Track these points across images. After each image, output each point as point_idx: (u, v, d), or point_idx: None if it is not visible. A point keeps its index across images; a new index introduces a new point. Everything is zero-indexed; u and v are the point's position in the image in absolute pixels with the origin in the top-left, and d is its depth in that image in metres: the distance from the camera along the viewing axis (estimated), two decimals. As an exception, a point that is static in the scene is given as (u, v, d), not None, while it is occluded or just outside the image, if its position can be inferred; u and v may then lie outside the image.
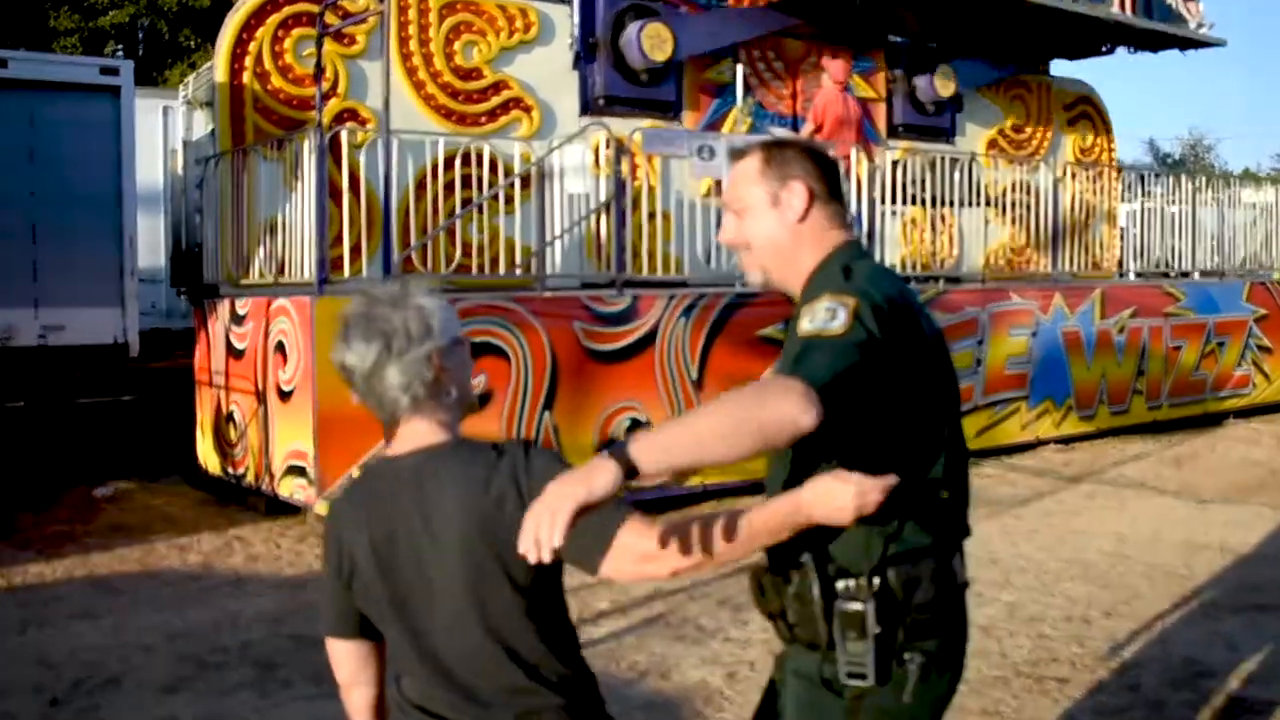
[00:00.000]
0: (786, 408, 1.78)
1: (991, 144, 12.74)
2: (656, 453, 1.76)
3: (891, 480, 1.86)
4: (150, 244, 12.44)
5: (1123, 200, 13.10)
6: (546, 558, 1.67)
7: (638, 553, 1.87)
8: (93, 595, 6.15)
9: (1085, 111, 14.18)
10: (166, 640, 5.34)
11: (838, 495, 1.85)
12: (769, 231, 2.18)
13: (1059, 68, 13.96)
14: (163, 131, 13.22)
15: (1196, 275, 12.69)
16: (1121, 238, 13.32)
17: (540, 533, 1.67)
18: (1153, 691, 4.58)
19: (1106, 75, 77.55)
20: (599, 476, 1.71)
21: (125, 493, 8.81)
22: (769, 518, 1.89)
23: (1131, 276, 12.35)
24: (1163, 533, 7.26)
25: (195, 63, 18.74)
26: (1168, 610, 5.61)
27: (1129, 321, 11.22)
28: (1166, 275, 12.55)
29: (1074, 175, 11.71)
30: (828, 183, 2.20)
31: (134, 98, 9.63)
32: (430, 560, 1.94)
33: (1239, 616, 5.50)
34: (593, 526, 1.82)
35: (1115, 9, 11.92)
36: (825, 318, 1.95)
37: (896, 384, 1.99)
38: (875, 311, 1.97)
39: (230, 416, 8.61)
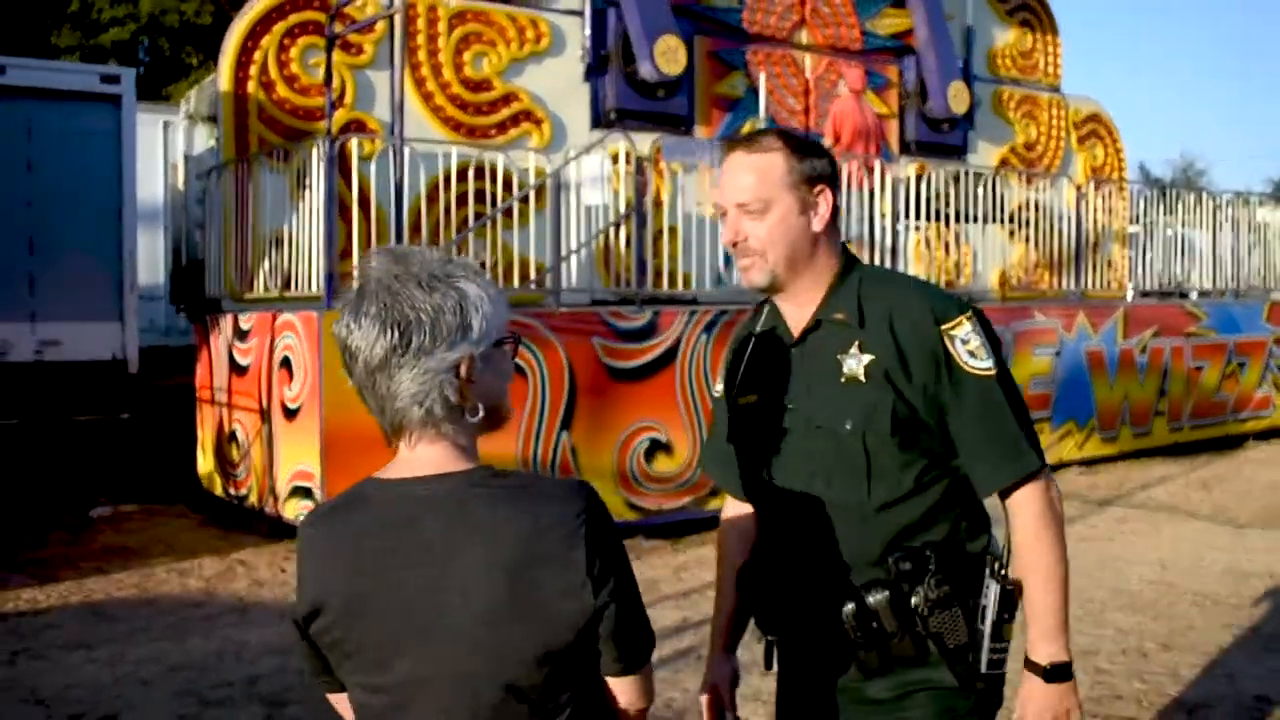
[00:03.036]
0: (1057, 511, 2.06)
1: (1003, 161, 12.52)
2: (1062, 642, 2.03)
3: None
4: (150, 260, 12.20)
5: (1134, 221, 12.89)
6: None
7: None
8: (88, 623, 5.83)
9: (1095, 129, 14.00)
10: (166, 673, 5.03)
11: None
12: (793, 239, 2.07)
13: (1070, 85, 13.79)
14: (163, 147, 12.98)
15: (1195, 294, 12.44)
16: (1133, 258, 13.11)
17: None
18: (1226, 732, 4.30)
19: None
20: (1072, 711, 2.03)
21: (123, 514, 8.53)
22: None
23: (1130, 297, 12.06)
24: (1204, 559, 6.98)
25: (197, 80, 18.56)
26: (1227, 643, 5.32)
27: (1151, 341, 10.96)
28: (1169, 295, 12.29)
29: (1097, 189, 11.46)
30: (839, 187, 2.17)
31: (135, 107, 9.37)
32: (429, 627, 1.49)
33: (1302, 649, 5.22)
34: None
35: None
36: (983, 350, 2.03)
37: None
38: (983, 323, 2.10)
39: (233, 436, 8.31)
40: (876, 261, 9.23)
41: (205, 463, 8.83)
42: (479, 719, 1.49)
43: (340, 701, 1.67)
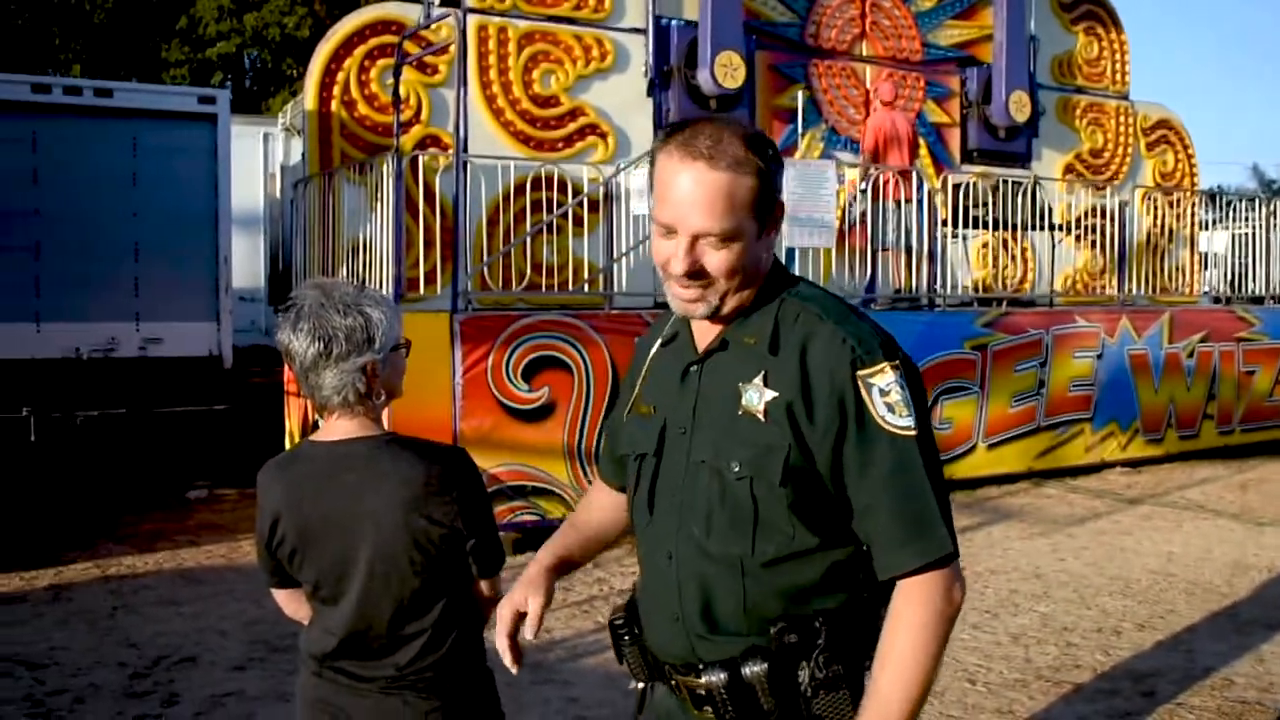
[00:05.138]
0: (953, 611, 1.72)
1: (1068, 169, 12.79)
2: None
3: None
4: (250, 265, 13.09)
5: (1209, 227, 13.02)
6: None
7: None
8: (178, 585, 6.62)
9: (1165, 135, 14.13)
10: (242, 626, 5.77)
11: None
12: (750, 265, 1.79)
13: (1139, 91, 13.95)
14: (263, 157, 13.86)
15: (1270, 301, 12.55)
16: (1206, 264, 13.25)
17: None
18: (1169, 697, 4.72)
19: (1204, 100, 75.81)
20: None
21: (218, 496, 9.38)
22: None
23: (1207, 302, 12.22)
24: (1213, 553, 7.32)
25: (297, 90, 19.55)
26: (1201, 625, 5.71)
27: (1199, 345, 11.19)
28: (1260, 301, 12.38)
29: (1145, 198, 11.73)
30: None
31: (230, 125, 10.19)
32: (358, 539, 2.17)
33: (1272, 632, 5.59)
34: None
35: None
36: (905, 406, 1.72)
37: None
38: (911, 375, 1.79)
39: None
40: (914, 269, 9.68)
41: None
42: (389, 597, 2.20)
43: (281, 595, 2.38)
